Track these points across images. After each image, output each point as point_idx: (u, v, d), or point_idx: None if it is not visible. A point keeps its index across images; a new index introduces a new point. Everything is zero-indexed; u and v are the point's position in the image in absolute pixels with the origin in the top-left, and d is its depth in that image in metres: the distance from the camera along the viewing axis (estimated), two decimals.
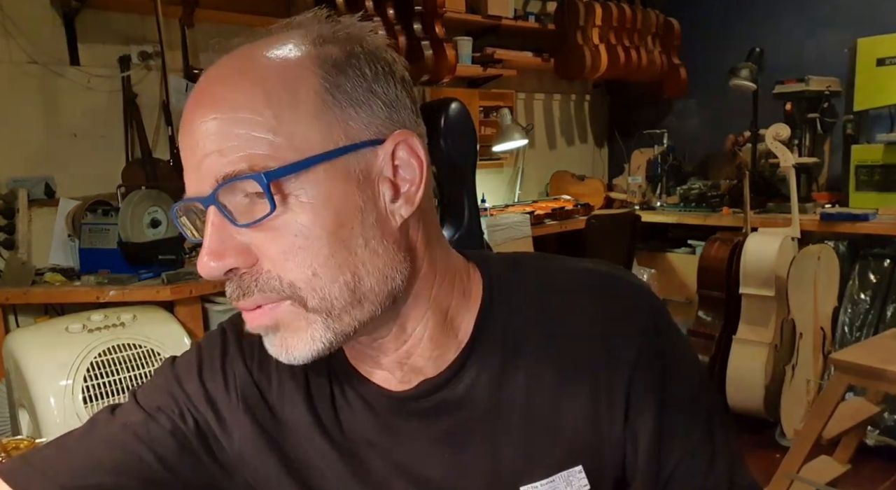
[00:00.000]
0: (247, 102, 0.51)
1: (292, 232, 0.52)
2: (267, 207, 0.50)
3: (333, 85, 0.53)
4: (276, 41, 0.56)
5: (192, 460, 0.62)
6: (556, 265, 0.68)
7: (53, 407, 1.79)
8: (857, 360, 1.87)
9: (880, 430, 2.69)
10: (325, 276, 0.53)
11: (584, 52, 3.56)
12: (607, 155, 4.58)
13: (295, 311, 0.54)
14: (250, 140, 0.51)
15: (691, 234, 3.55)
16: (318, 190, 0.52)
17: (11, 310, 2.28)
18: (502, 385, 0.62)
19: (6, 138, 2.38)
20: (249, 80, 0.52)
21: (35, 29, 2.42)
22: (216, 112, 0.52)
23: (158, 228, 2.27)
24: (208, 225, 0.52)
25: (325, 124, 0.53)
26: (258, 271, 0.53)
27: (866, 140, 3.27)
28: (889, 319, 2.86)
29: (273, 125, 0.51)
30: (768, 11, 3.71)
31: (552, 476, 0.62)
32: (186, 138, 0.53)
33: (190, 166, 0.53)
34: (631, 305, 0.64)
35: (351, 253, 0.54)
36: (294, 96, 0.52)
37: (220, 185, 0.51)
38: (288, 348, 0.55)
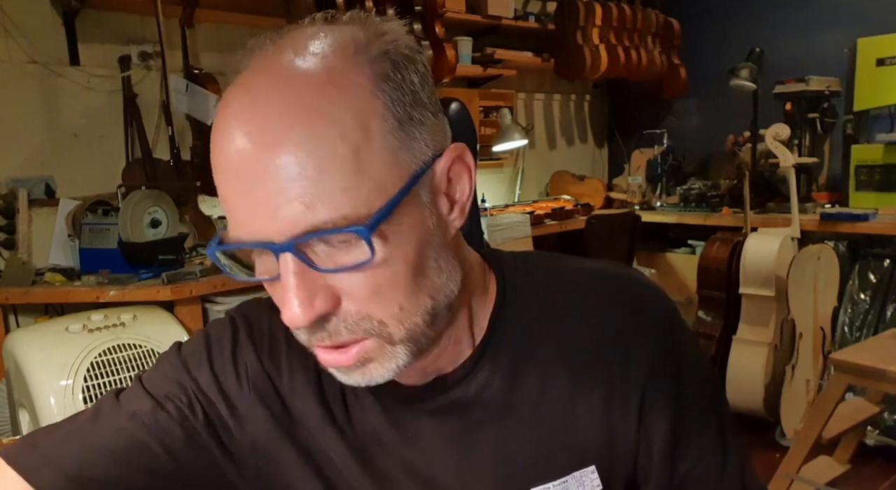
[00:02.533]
0: (322, 142, 0.47)
1: (381, 271, 0.50)
2: (361, 254, 0.48)
3: (395, 107, 0.50)
4: (322, 59, 0.50)
5: (199, 451, 0.61)
6: (568, 265, 0.67)
7: (54, 407, 1.79)
8: (857, 360, 1.87)
9: (880, 430, 2.69)
10: (410, 308, 0.52)
11: (584, 52, 3.56)
12: (607, 155, 4.58)
13: (380, 347, 0.53)
14: (335, 186, 0.47)
15: (691, 234, 3.55)
16: (402, 225, 0.50)
17: (11, 310, 2.28)
18: (515, 385, 0.62)
19: (6, 138, 2.38)
20: (320, 116, 0.47)
21: (35, 29, 2.42)
22: (287, 152, 0.46)
23: (158, 228, 2.27)
24: (287, 274, 0.48)
25: (397, 154, 0.50)
26: (345, 313, 0.51)
27: (866, 140, 3.27)
28: (889, 319, 2.86)
29: (354, 166, 0.47)
30: (768, 11, 3.71)
31: (565, 477, 0.61)
32: (241, 178, 0.48)
33: (250, 209, 0.48)
34: (645, 307, 0.64)
35: (427, 277, 0.53)
36: (366, 130, 0.48)
37: (308, 236, 0.47)
38: (369, 379, 0.54)
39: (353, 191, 0.47)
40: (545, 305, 0.64)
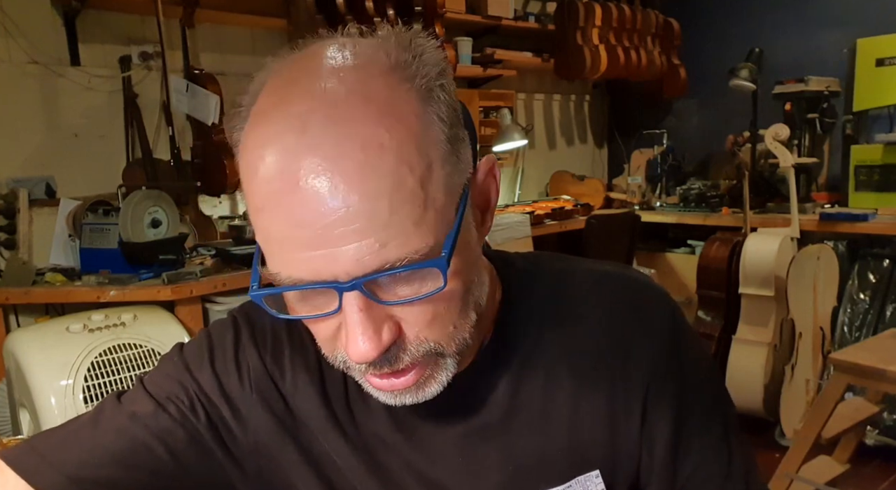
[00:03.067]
0: (393, 178, 0.45)
1: (443, 298, 0.50)
2: (433, 284, 0.48)
3: (445, 129, 0.49)
4: (379, 89, 0.47)
5: (202, 452, 0.60)
6: (575, 267, 0.67)
7: (54, 406, 1.79)
8: (857, 360, 1.87)
9: (879, 430, 2.69)
10: (461, 326, 0.53)
11: (583, 53, 3.57)
12: (607, 155, 4.58)
13: (433, 363, 0.53)
14: (407, 222, 0.46)
15: (691, 234, 3.56)
16: (459, 250, 0.49)
17: (12, 310, 2.28)
18: (520, 388, 0.61)
19: (7, 138, 2.38)
20: (383, 150, 0.45)
21: (35, 29, 2.42)
22: (355, 192, 0.44)
23: (159, 228, 2.28)
24: (353, 311, 0.47)
25: (451, 178, 0.49)
26: (405, 340, 0.51)
27: (866, 140, 3.27)
28: (888, 319, 2.87)
29: (422, 198, 0.46)
30: (768, 11, 3.71)
31: (569, 481, 0.61)
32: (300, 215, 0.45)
33: (313, 248, 0.46)
34: (649, 308, 0.64)
35: (472, 293, 0.53)
36: (428, 158, 0.47)
37: (380, 274, 0.46)
38: (423, 395, 0.54)
39: (422, 224, 0.46)
40: (550, 307, 0.63)
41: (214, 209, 2.91)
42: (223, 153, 2.62)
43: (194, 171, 2.66)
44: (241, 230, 2.58)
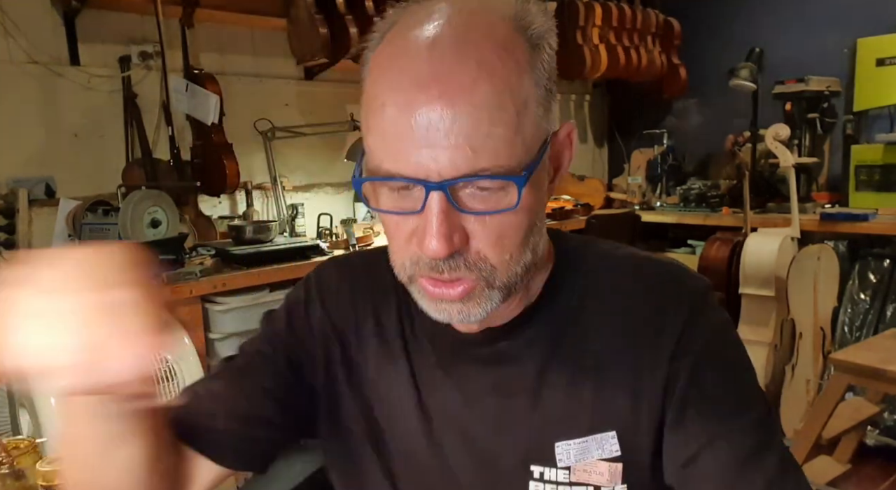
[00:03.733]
0: (498, 99, 0.53)
1: (510, 224, 0.57)
2: (508, 200, 0.55)
3: (544, 82, 0.58)
4: (491, 24, 0.56)
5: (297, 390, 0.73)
6: (622, 251, 0.73)
7: (54, 407, 1.79)
8: (857, 360, 1.87)
9: (880, 430, 2.69)
10: (516, 258, 0.59)
11: (583, 52, 3.56)
12: (607, 155, 4.58)
13: (481, 289, 0.59)
14: (500, 139, 0.53)
15: (691, 234, 3.56)
16: (533, 183, 0.57)
17: None
18: (556, 347, 0.68)
19: (6, 138, 2.38)
20: (498, 77, 0.53)
21: (35, 29, 2.42)
22: (467, 103, 0.52)
23: (158, 228, 2.28)
24: (436, 210, 0.54)
25: (541, 120, 0.57)
26: (468, 252, 0.57)
27: (866, 140, 3.27)
28: (889, 319, 2.86)
29: (516, 124, 0.54)
30: (768, 11, 3.71)
31: (585, 437, 0.66)
32: (417, 116, 0.53)
33: (415, 146, 0.53)
34: (683, 284, 0.68)
35: (533, 234, 0.60)
36: (526, 95, 0.55)
37: (468, 178, 0.53)
38: (465, 317, 0.60)
39: (512, 145, 0.54)
40: (594, 281, 0.70)
41: (214, 209, 2.91)
42: (223, 153, 2.62)
43: (194, 171, 2.66)
44: (241, 230, 2.58)
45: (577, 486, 0.66)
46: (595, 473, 0.66)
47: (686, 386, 0.64)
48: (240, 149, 2.71)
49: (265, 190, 3.00)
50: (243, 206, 2.93)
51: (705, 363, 0.65)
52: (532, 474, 0.67)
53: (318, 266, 0.80)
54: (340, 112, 3.17)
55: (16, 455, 0.83)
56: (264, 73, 3.02)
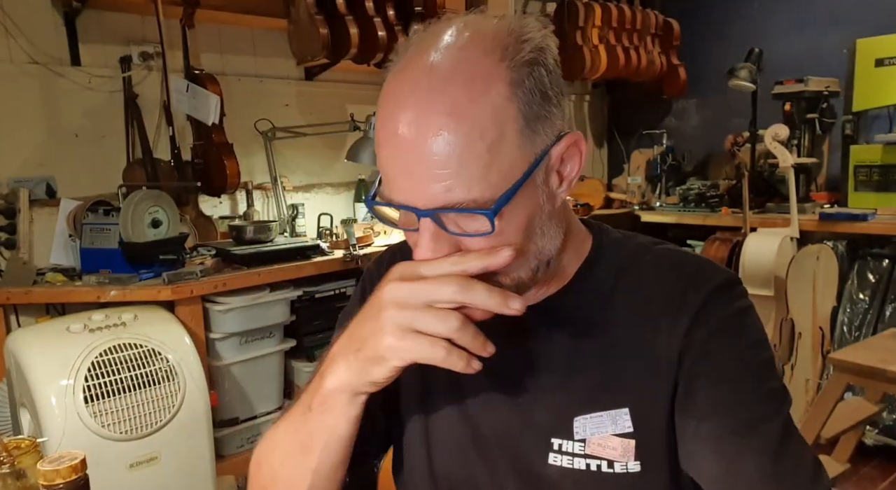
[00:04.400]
0: (466, 140, 0.59)
1: (496, 239, 0.62)
2: (483, 227, 0.61)
3: (525, 108, 0.61)
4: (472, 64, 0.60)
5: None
6: (661, 245, 0.78)
7: (55, 406, 1.80)
8: (856, 360, 1.88)
9: (879, 430, 2.69)
10: (516, 264, 0.64)
11: (583, 53, 3.57)
12: (607, 155, 4.58)
13: None
14: (470, 174, 0.59)
15: (691, 234, 3.56)
16: (517, 203, 0.62)
17: (13, 309, 2.28)
18: (585, 329, 0.73)
19: (7, 138, 2.38)
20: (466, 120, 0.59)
21: (36, 29, 2.42)
22: (437, 145, 0.59)
23: (159, 228, 2.28)
24: (425, 232, 0.62)
25: (522, 147, 0.62)
26: None
27: (865, 140, 3.27)
28: (888, 319, 2.87)
29: (488, 159, 0.59)
30: (768, 12, 3.71)
31: (601, 412, 0.70)
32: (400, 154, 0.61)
33: (403, 179, 0.61)
34: (707, 273, 0.72)
35: (534, 242, 0.66)
36: (501, 130, 0.60)
37: (445, 210, 0.61)
38: None
39: (484, 180, 0.60)
40: (626, 270, 0.74)
41: (215, 209, 2.91)
42: (223, 153, 2.63)
43: (194, 171, 2.67)
44: (242, 230, 2.59)
45: (591, 459, 0.70)
46: (608, 448, 0.69)
47: (696, 359, 0.68)
48: (240, 149, 2.72)
49: (265, 190, 3.01)
50: (244, 206, 2.94)
51: (717, 338, 0.68)
52: (552, 446, 0.72)
53: (375, 258, 0.90)
54: (341, 112, 3.18)
55: (17, 455, 0.83)
56: (264, 73, 3.02)
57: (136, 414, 1.90)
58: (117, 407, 1.87)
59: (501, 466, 0.75)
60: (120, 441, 1.87)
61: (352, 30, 2.64)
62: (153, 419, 1.93)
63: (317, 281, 2.58)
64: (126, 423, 1.88)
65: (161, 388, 1.95)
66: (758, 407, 0.67)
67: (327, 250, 2.63)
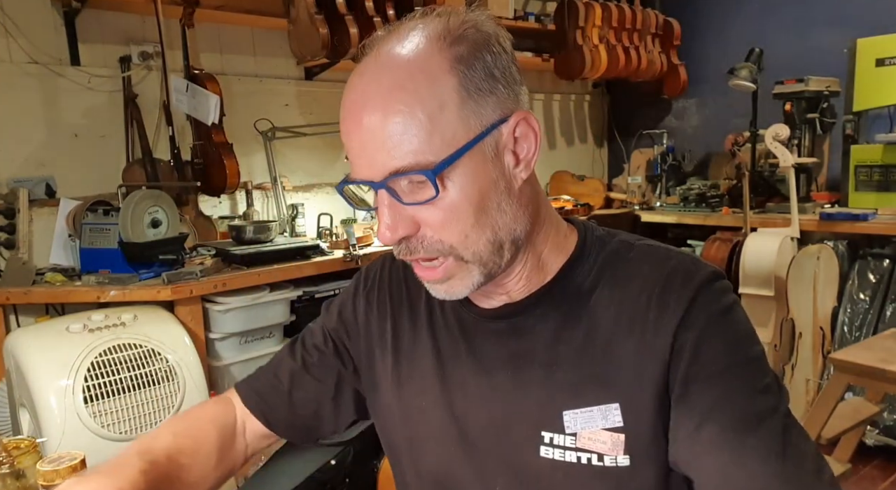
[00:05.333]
0: (406, 110, 0.64)
1: (448, 207, 0.66)
2: (430, 192, 0.65)
3: (467, 82, 0.66)
4: (415, 47, 0.66)
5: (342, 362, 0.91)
6: (644, 241, 0.79)
7: (54, 406, 1.79)
8: (857, 360, 1.88)
9: (879, 430, 2.69)
10: (473, 236, 0.68)
11: (583, 52, 3.57)
12: (607, 155, 4.58)
13: (457, 264, 0.70)
14: (412, 141, 0.64)
15: (691, 234, 3.55)
16: (465, 172, 0.66)
17: (12, 309, 2.28)
18: (567, 323, 0.74)
19: (7, 138, 2.38)
20: (405, 92, 0.64)
21: (36, 29, 2.42)
22: (382, 117, 0.64)
23: (159, 228, 2.28)
24: (382, 205, 0.67)
25: (465, 118, 0.66)
26: (422, 237, 0.68)
27: (865, 140, 3.27)
28: (888, 319, 2.87)
29: (430, 128, 0.64)
30: (768, 11, 3.71)
31: (591, 407, 0.71)
32: (353, 134, 0.67)
33: (359, 157, 0.67)
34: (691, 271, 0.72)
35: (490, 216, 0.68)
36: (440, 100, 0.65)
37: (390, 176, 0.65)
38: (451, 292, 0.72)
39: (427, 146, 0.64)
40: (610, 267, 0.76)
41: (214, 209, 2.91)
42: (223, 153, 2.62)
43: (194, 171, 2.67)
44: (241, 230, 2.59)
45: (582, 452, 0.71)
46: (598, 442, 0.71)
47: (689, 362, 0.68)
48: (240, 149, 2.72)
49: (265, 190, 3.01)
50: (243, 206, 2.94)
51: (708, 338, 0.68)
52: (542, 439, 0.73)
53: (366, 267, 0.95)
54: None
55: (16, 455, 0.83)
56: (264, 73, 3.02)
57: (135, 414, 1.90)
58: (117, 407, 1.87)
59: (491, 461, 0.76)
60: (120, 441, 1.87)
61: (352, 30, 2.63)
62: (153, 419, 1.93)
63: (317, 281, 2.58)
64: (126, 423, 1.88)
65: (161, 388, 1.95)
66: (755, 404, 0.67)
67: (327, 250, 2.63)
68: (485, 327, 0.78)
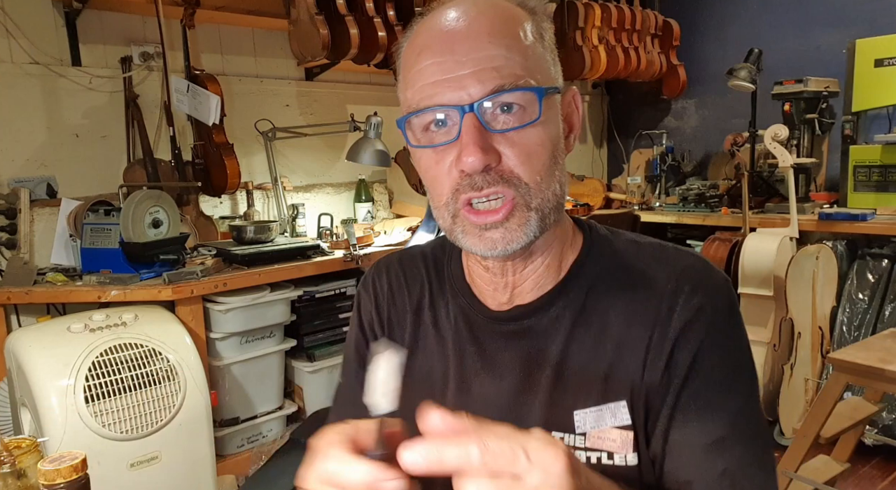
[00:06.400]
0: (510, 33, 0.66)
1: (535, 139, 0.67)
2: (533, 113, 0.65)
3: (547, 44, 0.70)
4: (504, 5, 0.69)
5: None
6: (648, 239, 0.80)
7: (55, 406, 1.80)
8: (856, 360, 1.88)
9: (878, 430, 2.70)
10: (544, 182, 0.68)
11: (583, 53, 3.57)
12: (606, 155, 4.59)
13: (521, 209, 0.68)
14: (517, 63, 0.65)
15: (690, 234, 3.56)
16: (552, 113, 0.68)
17: (13, 309, 2.29)
18: (578, 324, 0.74)
19: (8, 139, 2.39)
20: (511, 15, 0.68)
21: (37, 29, 2.43)
22: (484, 36, 0.65)
23: (160, 228, 2.28)
24: (471, 130, 0.65)
25: (553, 65, 0.70)
26: (502, 169, 0.66)
27: (864, 140, 3.27)
28: (887, 319, 2.87)
29: (531, 53, 0.67)
30: (767, 12, 3.72)
31: (601, 405, 0.71)
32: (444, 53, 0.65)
33: (447, 78, 0.65)
34: (698, 284, 0.72)
35: (558, 167, 0.69)
36: (538, 37, 0.68)
37: (494, 94, 0.64)
38: (508, 238, 0.68)
39: (529, 70, 0.66)
40: (617, 266, 0.76)
41: (215, 209, 2.91)
42: (224, 153, 2.63)
43: (195, 171, 2.67)
44: (242, 230, 2.59)
45: (592, 452, 0.71)
46: (608, 440, 0.71)
47: (685, 370, 0.69)
48: (240, 149, 2.72)
49: (266, 190, 3.01)
50: (244, 206, 2.94)
51: (710, 347, 0.70)
52: None
53: (367, 274, 0.93)
54: (341, 112, 3.18)
55: (17, 454, 0.83)
56: (265, 73, 3.03)
57: (136, 414, 1.90)
58: (118, 407, 1.87)
59: None
60: (120, 441, 1.87)
61: (352, 30, 2.64)
62: (154, 419, 1.93)
63: (317, 281, 2.58)
64: (127, 422, 1.88)
65: (161, 387, 1.96)
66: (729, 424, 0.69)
67: (327, 250, 2.64)
68: (495, 329, 0.77)
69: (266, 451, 2.35)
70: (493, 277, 0.77)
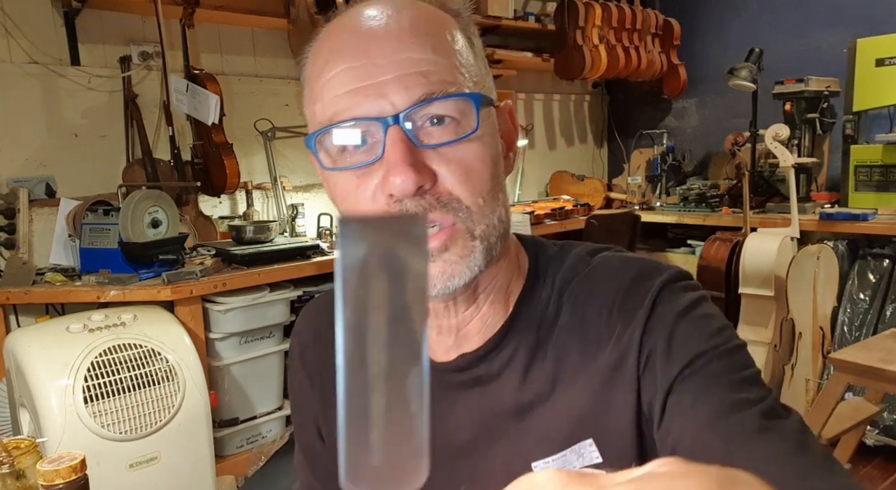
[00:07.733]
0: (436, 33, 0.57)
1: (473, 155, 0.57)
2: (470, 124, 0.56)
3: (481, 46, 0.62)
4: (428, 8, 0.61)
5: None
6: (599, 255, 0.70)
7: (54, 406, 1.79)
8: (857, 360, 1.88)
9: (879, 430, 2.69)
10: (488, 205, 0.59)
11: (583, 53, 3.57)
12: (607, 155, 4.58)
13: (463, 237, 0.59)
14: (447, 66, 0.56)
15: (691, 234, 3.56)
16: (489, 126, 0.59)
17: (12, 309, 2.28)
18: (533, 363, 0.65)
19: (7, 138, 2.38)
20: (435, 17, 0.59)
21: (36, 29, 2.42)
22: (407, 36, 0.56)
23: (159, 228, 2.28)
24: (398, 145, 0.54)
25: (487, 75, 0.62)
26: (438, 192, 0.57)
27: (865, 140, 3.27)
28: (888, 319, 2.87)
29: (461, 59, 0.58)
30: (768, 11, 3.71)
31: (564, 450, 0.63)
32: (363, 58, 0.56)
33: (373, 82, 0.55)
34: (649, 287, 0.64)
35: (499, 188, 0.61)
36: (471, 43, 0.60)
37: (422, 102, 0.55)
38: (447, 271, 0.59)
39: (460, 75, 0.57)
40: (570, 288, 0.67)
41: (214, 209, 2.91)
42: (223, 153, 2.62)
43: (194, 171, 2.67)
44: (241, 230, 2.59)
45: None
46: None
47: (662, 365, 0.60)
48: (240, 149, 2.72)
49: (265, 190, 3.01)
50: (243, 206, 2.94)
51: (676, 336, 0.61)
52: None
53: (295, 326, 0.83)
54: None
55: (16, 455, 0.83)
56: (264, 73, 3.02)
57: (135, 414, 1.90)
58: (117, 407, 1.87)
59: None
60: (120, 441, 1.87)
61: None
62: (153, 419, 1.93)
63: (317, 281, 2.58)
64: (126, 423, 1.88)
65: (161, 388, 1.95)
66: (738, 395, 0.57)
67: (327, 250, 2.63)
68: (443, 381, 0.67)
69: (265, 451, 2.35)
70: (434, 319, 0.66)
